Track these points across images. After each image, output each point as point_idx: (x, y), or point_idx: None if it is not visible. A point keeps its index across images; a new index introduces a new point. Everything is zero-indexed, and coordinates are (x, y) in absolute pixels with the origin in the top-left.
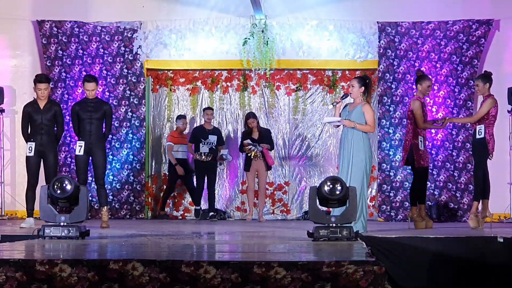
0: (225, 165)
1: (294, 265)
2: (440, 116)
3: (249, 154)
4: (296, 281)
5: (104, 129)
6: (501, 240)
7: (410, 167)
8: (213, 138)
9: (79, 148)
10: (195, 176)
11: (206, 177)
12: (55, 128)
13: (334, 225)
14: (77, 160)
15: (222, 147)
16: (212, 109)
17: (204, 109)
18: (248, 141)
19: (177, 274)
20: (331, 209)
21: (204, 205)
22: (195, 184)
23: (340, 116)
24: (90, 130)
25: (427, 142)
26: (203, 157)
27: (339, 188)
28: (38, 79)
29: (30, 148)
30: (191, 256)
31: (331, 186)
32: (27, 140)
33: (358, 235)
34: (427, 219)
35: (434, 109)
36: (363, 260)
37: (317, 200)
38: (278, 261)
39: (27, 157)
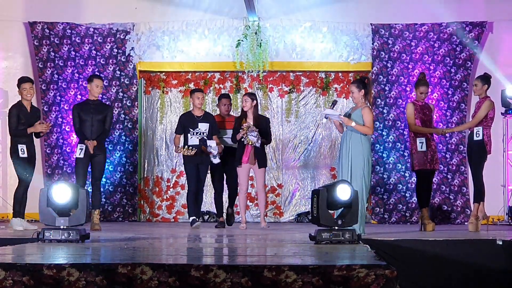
0: (217, 158)
1: (305, 269)
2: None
3: (243, 140)
4: (307, 285)
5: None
6: (500, 242)
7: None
8: (204, 127)
9: (80, 151)
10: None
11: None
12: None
13: (336, 227)
14: (77, 163)
15: (216, 136)
16: (202, 91)
17: (192, 91)
18: (250, 123)
19: (186, 278)
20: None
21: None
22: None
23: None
24: (91, 132)
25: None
26: (187, 151)
27: (348, 192)
28: (21, 80)
29: (23, 150)
30: (199, 260)
31: (341, 190)
32: (20, 136)
33: (360, 238)
34: (426, 222)
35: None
36: (375, 263)
37: (326, 203)
38: (288, 264)
39: (21, 158)
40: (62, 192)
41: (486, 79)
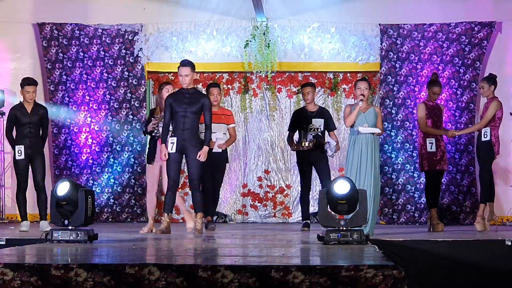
0: (330, 154)
1: (312, 269)
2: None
3: (154, 132)
4: (314, 286)
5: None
6: (509, 243)
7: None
8: (318, 123)
9: (171, 145)
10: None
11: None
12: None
13: (344, 228)
14: (168, 161)
15: (333, 132)
16: (313, 85)
17: (303, 86)
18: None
19: (194, 278)
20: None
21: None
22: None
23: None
24: (184, 125)
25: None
26: (307, 144)
27: (347, 189)
28: (26, 82)
29: (20, 152)
30: (206, 260)
31: (339, 187)
32: (13, 144)
33: (368, 238)
34: (435, 222)
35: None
36: (382, 264)
37: (326, 203)
38: (296, 265)
39: (16, 160)
40: (63, 188)
41: (492, 79)
